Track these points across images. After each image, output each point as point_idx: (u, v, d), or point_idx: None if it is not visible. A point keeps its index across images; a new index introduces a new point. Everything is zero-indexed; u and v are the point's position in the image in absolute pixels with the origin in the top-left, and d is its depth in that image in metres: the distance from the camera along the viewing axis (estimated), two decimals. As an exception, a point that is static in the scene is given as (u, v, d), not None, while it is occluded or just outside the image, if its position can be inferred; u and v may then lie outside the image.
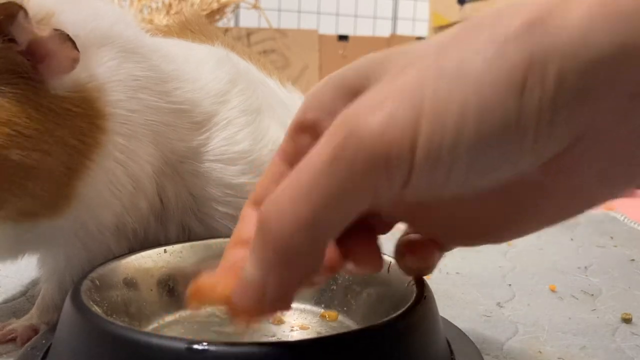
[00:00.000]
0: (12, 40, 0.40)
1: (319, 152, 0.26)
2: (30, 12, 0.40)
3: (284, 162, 0.35)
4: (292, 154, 0.34)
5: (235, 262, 0.33)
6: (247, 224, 0.36)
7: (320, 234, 0.26)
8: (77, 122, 0.43)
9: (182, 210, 0.53)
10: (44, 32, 0.41)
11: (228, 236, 0.52)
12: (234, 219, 0.55)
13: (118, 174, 0.46)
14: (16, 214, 0.43)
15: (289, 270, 0.27)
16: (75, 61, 0.42)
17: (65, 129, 0.42)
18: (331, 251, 0.32)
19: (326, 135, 0.26)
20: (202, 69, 0.56)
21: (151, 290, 0.46)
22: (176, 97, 0.51)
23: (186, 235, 0.54)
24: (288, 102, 0.63)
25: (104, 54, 0.46)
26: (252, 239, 0.28)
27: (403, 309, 0.37)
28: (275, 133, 0.58)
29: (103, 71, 0.45)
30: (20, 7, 0.39)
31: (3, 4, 0.39)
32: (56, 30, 0.42)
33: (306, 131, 0.33)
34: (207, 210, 0.54)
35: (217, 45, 0.62)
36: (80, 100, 0.43)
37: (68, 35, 0.42)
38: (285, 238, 0.26)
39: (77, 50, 0.42)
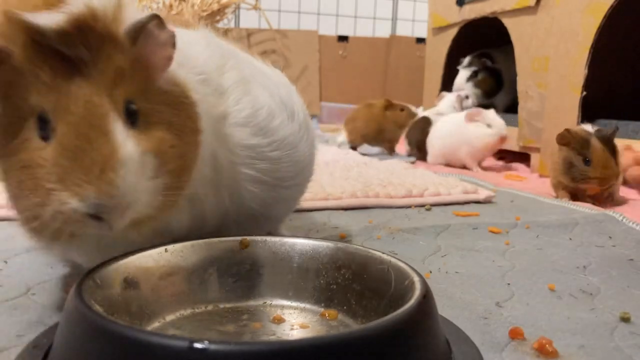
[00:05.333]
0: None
1: None
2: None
3: None
4: None
5: None
6: None
7: None
8: (192, 109, 0.49)
9: (229, 176, 0.57)
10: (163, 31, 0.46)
11: (234, 236, 0.53)
12: (257, 181, 0.60)
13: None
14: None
15: None
16: (170, 59, 0.47)
17: (189, 119, 0.48)
18: None
19: None
20: (196, 48, 0.59)
21: (152, 289, 0.46)
22: (198, 68, 0.55)
23: (235, 204, 0.59)
24: (267, 72, 0.69)
25: None
26: None
27: (403, 308, 0.38)
28: (266, 100, 0.63)
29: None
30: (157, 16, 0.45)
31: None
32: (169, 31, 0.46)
33: None
34: (235, 176, 0.58)
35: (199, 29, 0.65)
36: (180, 92, 0.48)
37: (174, 34, 0.47)
38: None
39: (174, 48, 0.47)
